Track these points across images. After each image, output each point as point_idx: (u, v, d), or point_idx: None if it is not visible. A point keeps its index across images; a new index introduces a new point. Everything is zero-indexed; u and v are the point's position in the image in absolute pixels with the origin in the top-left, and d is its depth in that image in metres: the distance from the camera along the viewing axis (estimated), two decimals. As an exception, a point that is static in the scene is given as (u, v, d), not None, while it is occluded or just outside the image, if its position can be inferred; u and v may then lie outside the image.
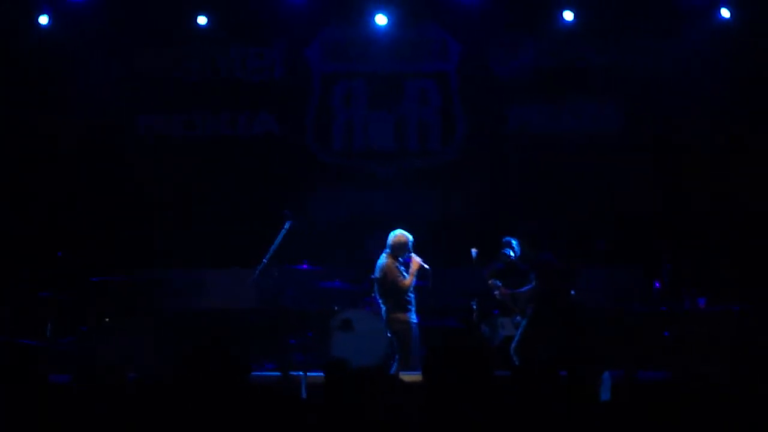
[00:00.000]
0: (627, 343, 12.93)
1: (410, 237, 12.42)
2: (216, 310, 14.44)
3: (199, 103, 16.06)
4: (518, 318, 12.61)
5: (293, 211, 13.37)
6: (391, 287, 12.32)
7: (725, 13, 15.16)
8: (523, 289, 12.50)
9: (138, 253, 15.02)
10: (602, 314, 13.59)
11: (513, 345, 12.32)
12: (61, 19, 15.54)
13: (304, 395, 10.53)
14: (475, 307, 12.92)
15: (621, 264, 14.73)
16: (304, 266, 13.89)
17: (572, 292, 12.70)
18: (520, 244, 12.74)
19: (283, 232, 13.10)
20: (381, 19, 15.58)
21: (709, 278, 14.15)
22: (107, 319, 14.00)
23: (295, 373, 12.43)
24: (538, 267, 12.47)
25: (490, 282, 12.67)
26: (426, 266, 12.38)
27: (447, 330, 14.20)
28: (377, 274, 12.43)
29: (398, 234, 12.43)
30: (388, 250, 12.38)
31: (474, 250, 12.87)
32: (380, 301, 12.43)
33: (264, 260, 13.04)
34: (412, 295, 12.36)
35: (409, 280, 12.28)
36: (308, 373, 12.39)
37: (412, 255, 12.39)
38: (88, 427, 5.02)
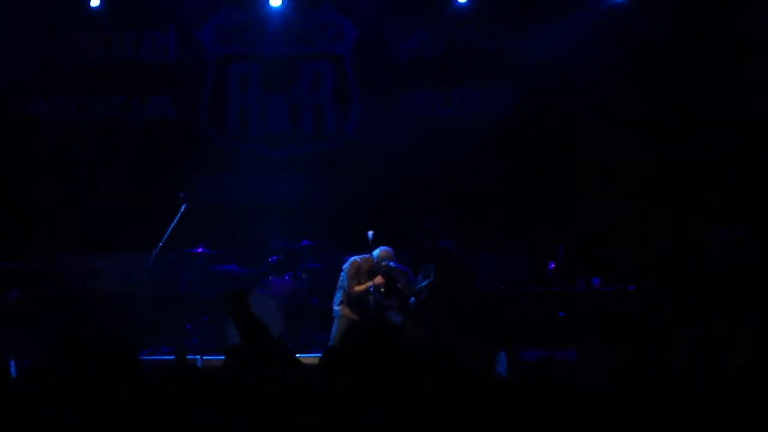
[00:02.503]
0: (522, 325, 13.07)
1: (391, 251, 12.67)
2: (110, 295, 14.21)
3: (92, 87, 15.80)
4: (413, 299, 12.77)
5: (189, 194, 13.33)
6: (344, 283, 12.63)
7: (617, -7, 15.37)
8: (423, 284, 12.81)
9: (29, 240, 14.76)
10: (496, 296, 13.71)
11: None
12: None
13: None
14: (372, 289, 12.93)
15: (513, 246, 14.87)
16: (200, 250, 13.85)
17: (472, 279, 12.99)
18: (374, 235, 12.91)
19: (179, 215, 13.06)
20: (275, 1, 15.48)
21: (602, 259, 14.33)
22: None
23: (191, 357, 12.44)
24: (437, 257, 12.74)
25: (384, 264, 12.74)
26: (382, 289, 12.62)
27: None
28: (345, 264, 12.70)
29: (385, 249, 12.65)
30: (373, 256, 12.59)
31: (370, 233, 12.90)
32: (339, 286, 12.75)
33: (159, 244, 12.99)
34: (371, 299, 12.52)
35: (360, 288, 12.50)
36: (204, 357, 12.43)
37: (392, 264, 12.59)
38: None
